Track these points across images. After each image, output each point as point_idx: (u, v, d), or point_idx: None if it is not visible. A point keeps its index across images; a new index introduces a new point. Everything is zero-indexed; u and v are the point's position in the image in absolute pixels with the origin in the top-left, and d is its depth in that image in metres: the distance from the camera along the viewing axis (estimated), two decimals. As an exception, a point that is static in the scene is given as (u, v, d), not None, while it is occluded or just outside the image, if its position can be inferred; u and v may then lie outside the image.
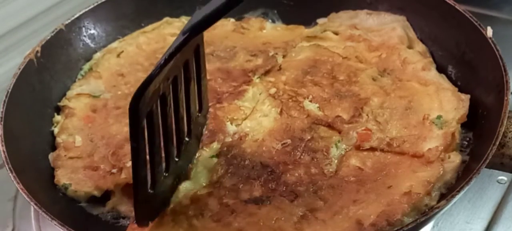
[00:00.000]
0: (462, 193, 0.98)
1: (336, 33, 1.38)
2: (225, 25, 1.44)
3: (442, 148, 1.09)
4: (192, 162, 1.12)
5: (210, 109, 1.21)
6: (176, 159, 1.04)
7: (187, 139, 1.07)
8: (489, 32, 1.18)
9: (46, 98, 1.30)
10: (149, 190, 0.97)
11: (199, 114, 1.12)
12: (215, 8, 0.86)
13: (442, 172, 1.06)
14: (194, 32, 0.91)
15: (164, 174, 1.01)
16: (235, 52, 1.36)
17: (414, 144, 1.11)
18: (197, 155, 1.13)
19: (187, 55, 1.01)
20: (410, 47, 1.32)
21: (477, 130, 1.14)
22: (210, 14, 0.87)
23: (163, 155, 0.99)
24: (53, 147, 1.23)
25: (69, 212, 1.11)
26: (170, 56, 0.89)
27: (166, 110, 0.96)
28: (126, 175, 1.12)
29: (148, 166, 0.94)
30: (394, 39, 1.32)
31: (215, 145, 1.16)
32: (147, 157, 0.93)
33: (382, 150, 1.12)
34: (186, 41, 0.90)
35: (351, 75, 1.26)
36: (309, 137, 1.15)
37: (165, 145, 0.99)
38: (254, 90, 1.26)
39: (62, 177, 1.16)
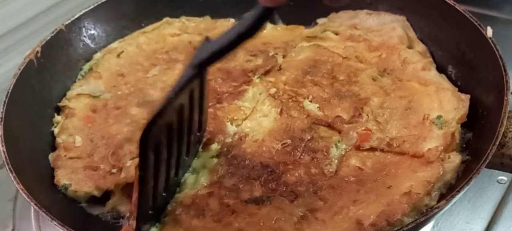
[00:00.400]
0: (462, 193, 0.98)
1: (336, 33, 1.38)
2: (225, 25, 1.44)
3: (442, 148, 1.09)
4: (186, 172, 1.13)
5: (210, 110, 1.21)
6: (175, 178, 1.06)
7: (186, 158, 1.09)
8: (489, 32, 1.18)
9: (46, 99, 1.29)
10: (150, 211, 0.99)
11: (198, 134, 1.13)
12: (224, 44, 0.88)
13: (442, 172, 1.06)
14: (202, 68, 0.94)
15: (163, 194, 1.03)
16: (235, 52, 1.36)
17: (414, 144, 1.11)
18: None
19: (193, 85, 1.02)
20: (410, 47, 1.32)
21: (477, 130, 1.14)
22: (219, 50, 0.89)
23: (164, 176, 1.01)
24: (53, 147, 1.23)
25: (69, 212, 1.12)
26: (180, 90, 0.92)
27: (171, 138, 0.98)
28: (125, 175, 1.12)
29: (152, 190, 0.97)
30: (394, 39, 1.32)
31: (215, 146, 1.16)
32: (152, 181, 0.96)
33: (382, 150, 1.12)
34: (196, 76, 0.93)
35: (351, 75, 1.26)
36: (309, 137, 1.15)
37: (167, 167, 1.01)
38: (254, 90, 1.26)
39: (62, 177, 1.16)
